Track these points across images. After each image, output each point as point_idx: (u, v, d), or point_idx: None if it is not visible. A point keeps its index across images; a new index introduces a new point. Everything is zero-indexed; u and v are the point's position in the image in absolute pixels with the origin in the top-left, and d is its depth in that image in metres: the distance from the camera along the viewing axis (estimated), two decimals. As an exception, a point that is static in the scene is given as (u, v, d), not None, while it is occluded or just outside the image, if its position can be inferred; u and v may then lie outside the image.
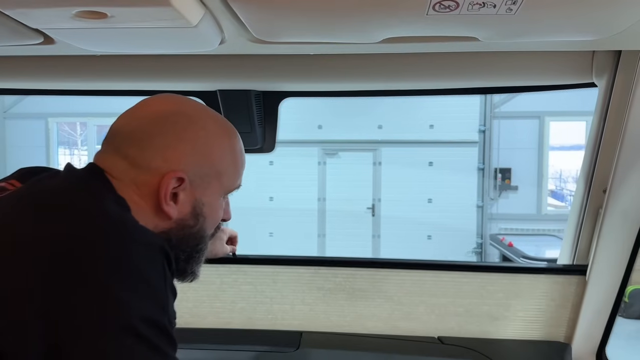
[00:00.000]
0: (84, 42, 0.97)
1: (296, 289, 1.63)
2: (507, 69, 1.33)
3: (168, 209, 0.78)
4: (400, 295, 1.60)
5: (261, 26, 0.86)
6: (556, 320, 1.57)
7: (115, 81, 1.46)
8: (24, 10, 0.75)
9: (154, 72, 1.49)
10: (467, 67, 1.31)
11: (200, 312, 1.66)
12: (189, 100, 0.86)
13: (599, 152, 1.39)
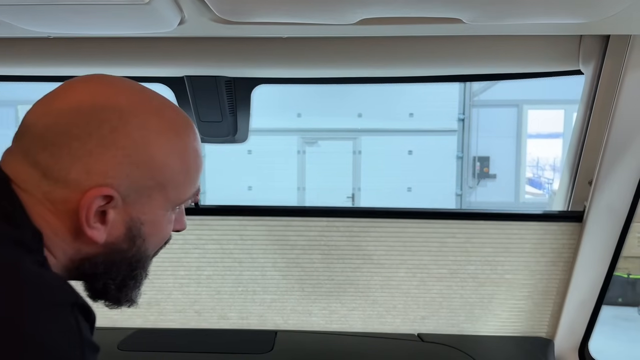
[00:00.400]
0: (29, 22, 0.87)
1: (267, 250, 1.51)
2: (491, 54, 1.26)
3: (92, 232, 0.62)
4: (380, 255, 1.49)
5: (223, 4, 0.77)
6: (538, 314, 1.53)
7: (73, 66, 1.35)
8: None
9: (116, 57, 1.38)
10: (449, 52, 1.24)
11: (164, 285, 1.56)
12: (124, 88, 0.66)
13: (584, 143, 1.33)
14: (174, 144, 0.66)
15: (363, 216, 1.47)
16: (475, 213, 1.46)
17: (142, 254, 0.70)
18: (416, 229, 1.45)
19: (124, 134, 0.61)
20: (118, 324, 1.61)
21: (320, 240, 1.50)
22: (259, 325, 1.62)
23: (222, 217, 1.50)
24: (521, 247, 1.43)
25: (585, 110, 1.31)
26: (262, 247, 1.52)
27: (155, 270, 1.52)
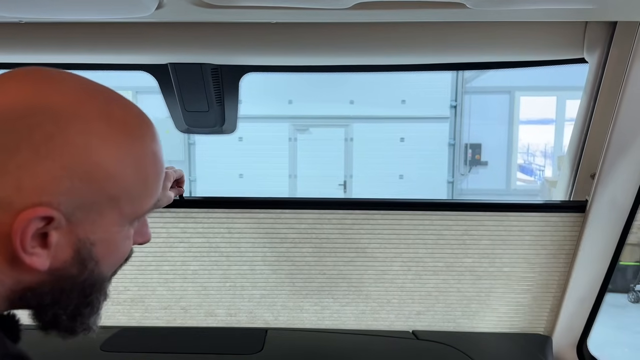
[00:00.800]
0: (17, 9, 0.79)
1: (256, 243, 1.46)
2: (493, 42, 1.19)
3: (32, 259, 0.53)
4: (374, 249, 1.43)
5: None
6: (537, 309, 1.49)
7: (48, 53, 1.27)
8: None
9: (94, 43, 1.30)
10: (450, 39, 1.17)
11: (148, 281, 1.50)
12: (61, 84, 0.55)
13: (587, 134, 1.28)
14: (126, 150, 0.56)
15: (356, 208, 1.41)
16: (473, 204, 1.40)
17: (97, 277, 0.61)
18: (411, 220, 1.40)
19: (62, 141, 0.51)
20: (102, 321, 1.55)
21: (312, 233, 1.44)
22: (249, 323, 1.56)
23: (209, 210, 1.44)
24: (521, 239, 1.39)
25: (588, 101, 1.25)
26: (251, 241, 1.46)
27: (139, 265, 1.47)
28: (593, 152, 1.27)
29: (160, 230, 1.44)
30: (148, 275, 1.49)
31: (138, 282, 1.50)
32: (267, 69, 1.57)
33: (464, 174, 9.46)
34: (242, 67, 1.47)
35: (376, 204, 1.41)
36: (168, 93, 1.51)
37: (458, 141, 9.15)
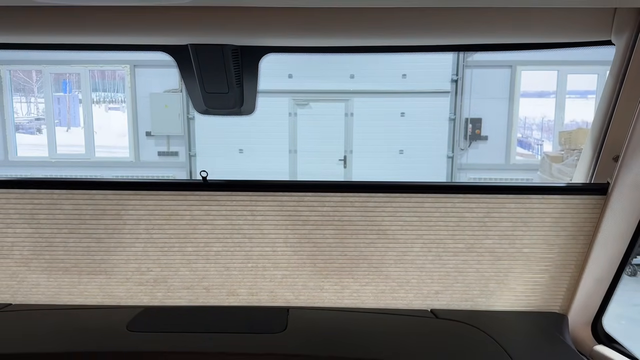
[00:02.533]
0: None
1: (278, 225, 1.47)
2: (523, 25, 1.19)
3: None
4: (396, 230, 1.45)
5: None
6: (554, 288, 1.52)
7: (80, 35, 1.26)
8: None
9: (120, 26, 1.29)
10: (480, 22, 1.16)
11: (171, 262, 1.52)
12: None
13: (612, 116, 1.28)
14: None
15: (379, 191, 1.42)
16: (495, 186, 1.42)
17: None
18: (434, 203, 1.41)
19: None
20: (123, 302, 1.57)
21: (334, 216, 1.46)
22: (270, 302, 1.59)
23: (232, 192, 1.44)
24: (541, 221, 1.40)
25: (614, 84, 1.25)
26: (273, 223, 1.47)
27: (162, 246, 1.49)
28: (617, 135, 1.28)
29: (184, 212, 1.45)
30: (171, 257, 1.51)
31: (161, 263, 1.51)
32: (286, 49, 1.56)
33: (463, 149, 9.46)
34: (262, 49, 1.46)
35: (399, 187, 1.42)
36: (187, 74, 1.50)
37: (458, 116, 9.12)
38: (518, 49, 1.26)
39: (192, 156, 8.92)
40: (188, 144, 8.82)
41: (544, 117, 10.75)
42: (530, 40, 1.25)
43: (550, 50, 1.35)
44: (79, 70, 8.98)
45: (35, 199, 1.42)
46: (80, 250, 1.49)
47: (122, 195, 1.42)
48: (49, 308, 1.56)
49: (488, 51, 1.29)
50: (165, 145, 8.89)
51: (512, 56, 9.17)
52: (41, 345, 1.39)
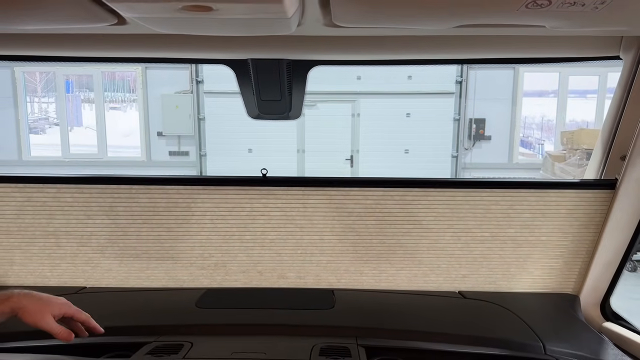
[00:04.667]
0: (160, 26, 0.97)
1: (326, 216, 1.66)
2: (542, 43, 1.39)
3: None
4: (429, 221, 1.66)
5: (347, 14, 0.89)
6: (568, 272, 1.72)
7: (160, 52, 1.47)
8: (132, 4, 0.76)
9: (191, 44, 1.48)
10: (505, 42, 1.37)
11: (231, 248, 1.71)
12: None
13: (620, 121, 1.48)
14: None
15: (416, 186, 1.62)
16: (517, 182, 1.62)
17: None
18: (464, 197, 1.61)
19: None
20: (186, 284, 1.77)
21: (376, 208, 1.66)
22: (315, 284, 1.79)
23: (287, 188, 1.65)
24: (557, 212, 1.61)
25: (622, 94, 1.46)
26: (322, 214, 1.67)
27: (224, 234, 1.69)
28: (624, 137, 1.48)
29: (244, 205, 1.65)
30: (231, 244, 1.71)
31: (222, 249, 1.72)
32: (330, 62, 1.76)
33: (467, 148, 9.66)
34: (311, 62, 1.66)
35: (434, 182, 1.62)
36: (244, 84, 1.69)
37: (463, 116, 9.32)
38: (529, 62, 1.45)
39: (202, 156, 9.11)
40: (198, 144, 9.02)
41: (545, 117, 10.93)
42: (542, 55, 1.45)
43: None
44: (92, 72, 9.18)
45: (115, 193, 1.63)
46: (152, 238, 1.69)
47: (193, 190, 1.62)
48: (118, 290, 1.76)
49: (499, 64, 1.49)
50: (176, 145, 9.09)
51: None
52: (116, 320, 1.59)
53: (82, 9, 0.87)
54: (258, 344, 1.39)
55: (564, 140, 7.43)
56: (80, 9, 0.87)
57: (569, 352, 1.44)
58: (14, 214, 1.67)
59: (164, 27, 0.98)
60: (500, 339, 1.49)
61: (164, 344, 1.36)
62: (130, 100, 10.22)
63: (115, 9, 0.84)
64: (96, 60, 1.57)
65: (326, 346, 1.38)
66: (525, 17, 0.85)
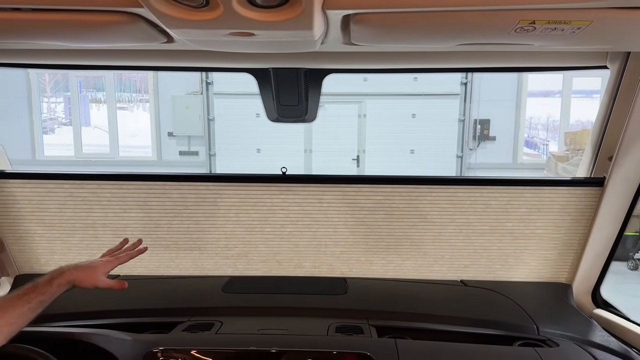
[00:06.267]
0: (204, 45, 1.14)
1: (340, 211, 1.82)
2: (534, 55, 1.54)
3: None
4: (434, 215, 1.81)
5: (365, 35, 1.05)
6: (561, 262, 1.87)
7: (192, 62, 1.63)
8: (186, 30, 0.92)
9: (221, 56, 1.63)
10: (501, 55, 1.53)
11: (252, 240, 1.87)
12: None
13: (607, 125, 1.64)
14: None
15: (422, 183, 1.78)
16: (515, 180, 1.78)
17: None
18: (465, 193, 1.77)
19: None
20: (211, 273, 1.94)
21: (385, 203, 1.82)
22: (328, 273, 1.95)
23: (305, 184, 1.81)
24: (551, 207, 1.76)
25: (609, 100, 1.61)
26: (336, 209, 1.84)
27: (247, 227, 1.86)
28: (611, 139, 1.64)
29: (266, 200, 1.82)
30: (253, 236, 1.88)
31: (244, 241, 1.88)
32: (343, 71, 1.92)
33: (472, 149, 9.79)
34: (326, 70, 1.82)
35: (438, 180, 1.78)
36: (265, 90, 1.86)
37: (467, 117, 9.45)
38: (523, 71, 1.60)
39: (211, 155, 9.30)
40: (208, 144, 9.20)
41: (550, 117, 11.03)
42: (535, 65, 1.60)
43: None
44: (103, 73, 9.38)
45: (150, 189, 1.80)
46: (181, 230, 1.86)
47: (220, 186, 1.79)
48: (150, 278, 1.93)
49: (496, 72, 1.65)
50: (186, 145, 9.28)
51: (519, 59, 9.43)
52: (151, 303, 1.76)
53: (141, 32, 1.04)
54: (280, 323, 1.55)
55: (567, 140, 7.56)
56: (139, 32, 1.04)
57: (560, 333, 1.60)
58: (57, 208, 1.85)
59: (207, 46, 1.14)
60: (498, 322, 1.65)
61: (197, 323, 1.53)
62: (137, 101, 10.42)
63: (172, 33, 1.00)
64: (136, 69, 1.74)
65: (341, 325, 1.54)
66: (515, 38, 1.01)
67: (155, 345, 1.35)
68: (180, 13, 0.85)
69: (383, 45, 1.23)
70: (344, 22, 0.99)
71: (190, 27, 0.92)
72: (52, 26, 1.04)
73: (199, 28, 0.93)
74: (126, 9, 0.94)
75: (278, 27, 0.91)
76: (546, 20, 0.92)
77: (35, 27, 1.04)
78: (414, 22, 0.95)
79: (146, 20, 0.99)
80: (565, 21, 0.92)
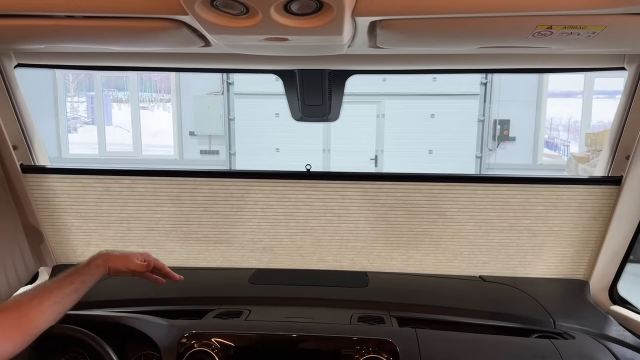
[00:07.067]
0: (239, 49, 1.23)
1: (362, 206, 1.89)
2: (553, 57, 1.59)
3: None
4: (453, 212, 1.87)
5: (390, 40, 1.12)
6: (579, 259, 1.91)
7: (223, 64, 1.73)
8: (225, 35, 1.00)
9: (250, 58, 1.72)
10: (521, 57, 1.58)
11: (277, 234, 1.96)
12: None
13: (625, 125, 1.68)
14: None
15: (442, 180, 1.84)
16: (532, 178, 1.83)
17: None
18: (485, 190, 1.83)
19: None
20: (237, 265, 2.02)
21: (405, 200, 1.88)
22: (350, 267, 2.02)
23: (328, 181, 1.89)
24: (569, 205, 1.81)
25: (626, 101, 1.65)
26: (358, 205, 1.91)
27: (272, 221, 1.94)
28: (628, 138, 1.68)
29: (290, 196, 1.90)
30: (278, 230, 1.96)
31: (270, 235, 1.96)
32: (365, 72, 1.99)
33: (492, 149, 9.76)
34: (349, 72, 1.89)
35: (458, 177, 1.84)
36: (290, 90, 1.94)
37: (487, 117, 9.43)
38: (544, 72, 1.64)
39: (232, 154, 9.44)
40: (228, 143, 9.35)
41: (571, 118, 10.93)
42: (553, 66, 1.65)
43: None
44: (127, 73, 9.60)
45: (181, 184, 1.89)
46: (210, 224, 1.95)
47: (247, 182, 1.87)
48: (180, 269, 2.02)
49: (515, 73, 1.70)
50: (207, 144, 9.44)
51: (540, 60, 9.38)
52: (182, 292, 1.84)
53: (183, 37, 1.12)
54: (305, 312, 1.63)
55: (588, 141, 7.51)
56: (181, 37, 1.12)
57: (576, 327, 1.65)
58: (94, 201, 1.95)
59: (241, 50, 1.22)
60: (515, 315, 1.70)
61: (227, 311, 1.62)
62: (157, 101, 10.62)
63: (210, 38, 1.08)
64: (169, 70, 1.83)
65: (363, 315, 1.61)
66: (534, 41, 1.07)
67: (189, 329, 1.44)
68: (222, 20, 0.93)
69: (406, 49, 1.29)
70: (370, 27, 1.06)
71: (229, 32, 1.00)
72: (101, 32, 1.13)
73: (238, 34, 1.01)
74: (171, 17, 1.02)
75: (310, 32, 0.98)
76: (562, 25, 0.98)
77: (86, 32, 1.13)
78: (437, 27, 1.02)
79: (188, 26, 1.08)
80: (580, 26, 0.98)
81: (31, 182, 1.91)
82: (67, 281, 1.30)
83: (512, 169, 9.55)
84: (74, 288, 1.30)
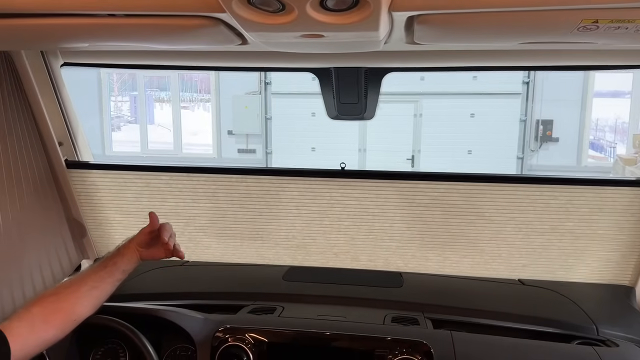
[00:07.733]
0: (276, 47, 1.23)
1: (397, 206, 1.87)
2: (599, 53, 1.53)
3: None
4: (492, 213, 1.82)
5: (429, 36, 1.10)
6: (624, 264, 1.83)
7: (260, 62, 1.74)
8: (262, 33, 1.01)
9: (287, 56, 1.72)
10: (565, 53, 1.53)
11: (311, 232, 1.95)
12: None
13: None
14: None
15: (480, 181, 1.80)
16: (576, 179, 1.76)
17: None
18: (525, 191, 1.78)
19: None
20: (271, 262, 2.04)
21: (442, 200, 1.85)
22: (384, 267, 2.00)
23: (363, 180, 1.87)
24: (614, 208, 1.73)
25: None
26: (393, 204, 1.89)
27: (306, 219, 1.94)
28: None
29: (325, 194, 1.90)
30: (312, 228, 1.96)
31: (304, 232, 1.97)
32: (401, 69, 1.96)
33: (534, 150, 9.50)
34: (385, 69, 1.87)
35: (497, 177, 1.79)
36: (326, 88, 1.93)
37: (529, 117, 9.18)
38: (589, 69, 1.58)
39: (268, 153, 9.54)
40: (265, 142, 9.44)
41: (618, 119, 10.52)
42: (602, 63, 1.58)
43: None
44: (169, 73, 9.83)
45: (218, 181, 1.92)
46: (246, 221, 1.97)
47: (282, 180, 1.88)
48: (216, 264, 2.05)
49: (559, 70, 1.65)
50: (245, 143, 9.57)
51: (586, 58, 9.07)
52: (217, 287, 1.88)
53: (220, 34, 1.14)
54: (338, 311, 1.63)
55: (636, 142, 7.20)
56: (219, 34, 1.14)
57: (620, 334, 1.58)
58: (134, 197, 2.00)
59: (278, 47, 1.22)
60: (555, 320, 1.64)
61: (261, 306, 1.63)
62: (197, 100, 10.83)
63: (247, 36, 1.09)
64: (208, 69, 1.86)
65: (397, 316, 1.59)
66: (578, 36, 1.03)
67: (224, 324, 1.46)
68: (259, 17, 0.94)
69: (445, 45, 1.27)
70: (407, 22, 1.04)
71: (266, 30, 1.00)
72: (141, 30, 1.15)
73: (274, 31, 1.01)
74: (209, 14, 1.03)
75: (346, 29, 0.97)
76: (609, 20, 0.93)
77: (127, 30, 1.16)
78: (477, 22, 0.99)
79: (225, 23, 1.09)
80: (629, 20, 0.93)
81: (75, 177, 1.98)
82: (100, 266, 1.38)
83: (555, 170, 9.26)
84: (107, 271, 1.36)
